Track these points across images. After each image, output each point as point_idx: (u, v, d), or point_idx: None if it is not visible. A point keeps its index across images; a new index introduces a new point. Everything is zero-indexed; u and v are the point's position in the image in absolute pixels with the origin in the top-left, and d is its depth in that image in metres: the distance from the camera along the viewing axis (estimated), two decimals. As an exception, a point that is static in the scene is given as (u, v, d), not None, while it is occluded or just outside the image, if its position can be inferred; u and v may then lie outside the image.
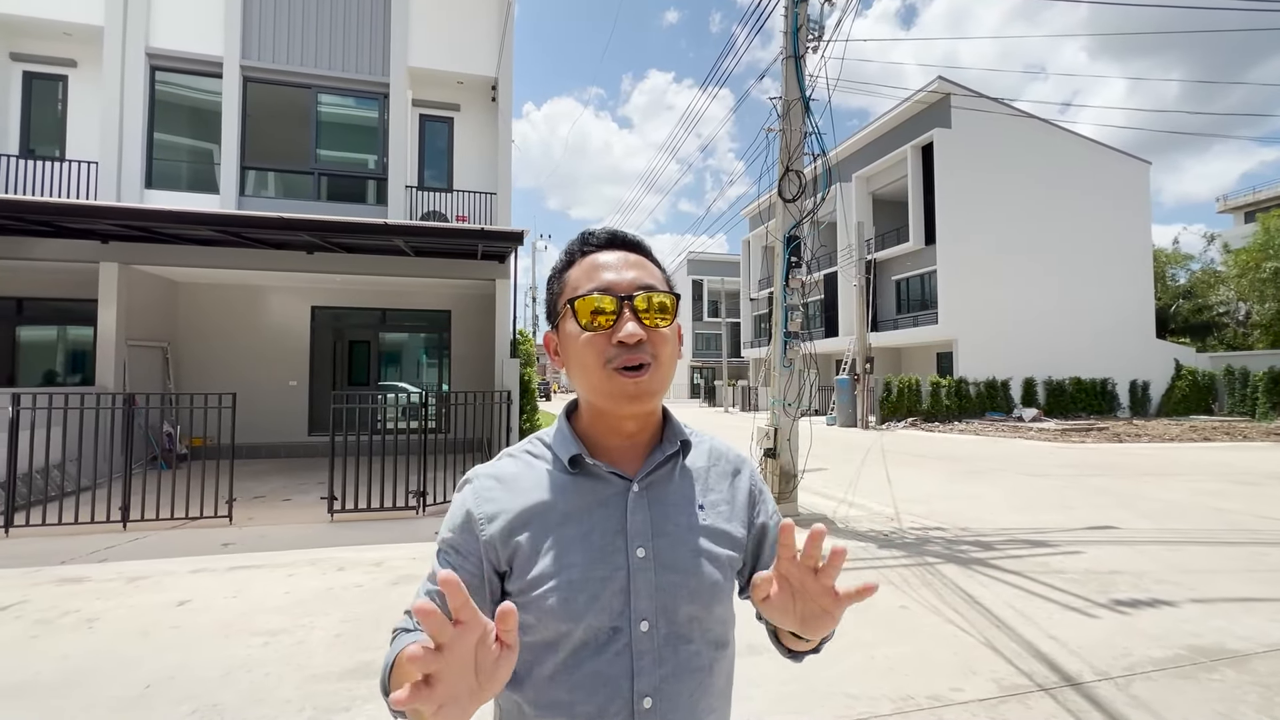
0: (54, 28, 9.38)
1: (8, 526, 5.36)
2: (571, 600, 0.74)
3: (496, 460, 0.86)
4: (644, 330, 0.77)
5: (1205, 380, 23.11)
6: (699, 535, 0.81)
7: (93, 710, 2.59)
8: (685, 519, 0.82)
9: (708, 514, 0.84)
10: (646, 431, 0.84)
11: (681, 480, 0.85)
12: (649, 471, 0.81)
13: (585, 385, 0.79)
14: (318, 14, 10.07)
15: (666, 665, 0.76)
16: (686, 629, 0.78)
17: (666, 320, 0.79)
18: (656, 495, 0.82)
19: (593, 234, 0.85)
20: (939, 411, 20.66)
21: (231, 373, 9.96)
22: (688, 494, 0.84)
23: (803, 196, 6.71)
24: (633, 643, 0.75)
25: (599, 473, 0.80)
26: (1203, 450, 12.72)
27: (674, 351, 0.81)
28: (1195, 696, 2.77)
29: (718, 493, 0.87)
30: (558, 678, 0.75)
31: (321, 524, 5.87)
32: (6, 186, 9.05)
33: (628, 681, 0.74)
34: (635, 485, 0.80)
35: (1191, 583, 4.31)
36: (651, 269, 0.83)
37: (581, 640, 0.75)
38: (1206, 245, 35.21)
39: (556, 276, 0.85)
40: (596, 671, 0.74)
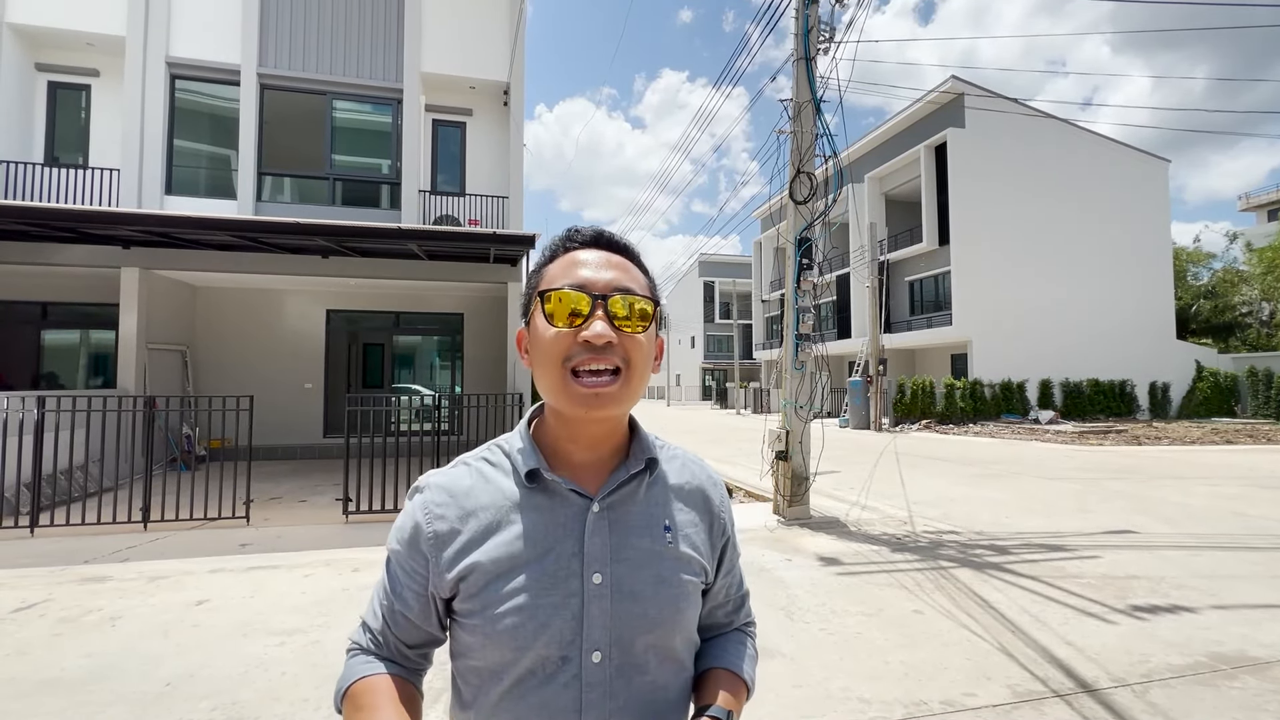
0: (77, 38, 9.60)
1: (33, 526, 5.49)
2: (520, 628, 0.70)
3: (451, 467, 0.80)
4: (614, 333, 0.71)
5: (1227, 382, 22.69)
6: (662, 561, 0.76)
7: (117, 706, 2.65)
8: (648, 543, 0.76)
9: (674, 537, 0.78)
10: (610, 444, 0.79)
11: (647, 500, 0.79)
12: (611, 490, 0.76)
13: (545, 385, 0.74)
14: (333, 22, 10.21)
15: (618, 698, 0.71)
16: (642, 659, 0.73)
17: (642, 327, 0.73)
18: (619, 516, 0.76)
19: (579, 230, 0.80)
20: (953, 414, 20.47)
21: (248, 375, 10.12)
22: (653, 515, 0.78)
23: (814, 198, 6.69)
24: (583, 674, 0.71)
25: (558, 489, 0.75)
26: (1224, 453, 12.49)
27: (647, 360, 0.75)
28: (1215, 704, 2.72)
29: (686, 514, 0.81)
30: (503, 706, 0.71)
31: (337, 525, 5.94)
32: (32, 194, 9.27)
33: (576, 715, 0.70)
34: (595, 505, 0.75)
35: (1212, 588, 4.24)
36: (634, 273, 0.77)
37: (528, 669, 0.70)
38: (1229, 244, 34.59)
39: (535, 271, 0.80)
40: (543, 703, 0.70)
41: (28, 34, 9.50)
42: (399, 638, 0.78)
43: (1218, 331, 32.14)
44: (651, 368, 0.77)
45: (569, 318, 0.71)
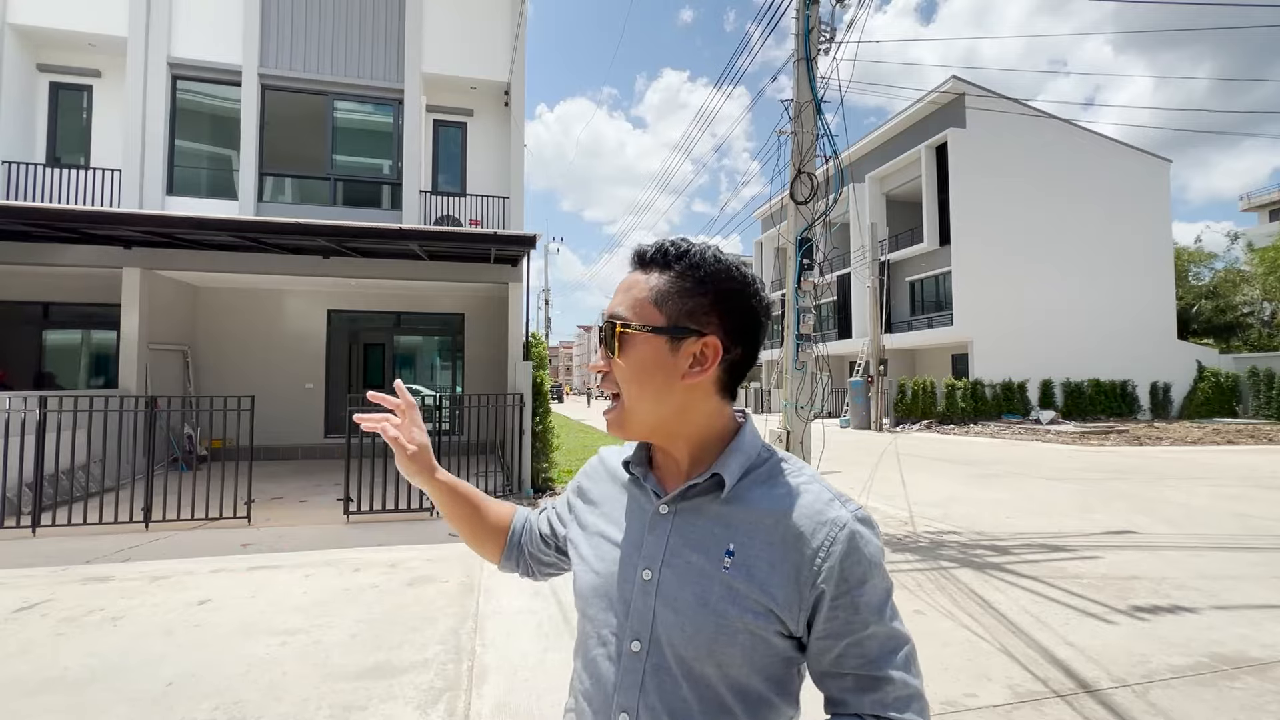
0: (79, 39, 9.61)
1: (35, 526, 5.50)
2: (586, 592, 0.80)
3: (612, 446, 0.93)
4: (606, 361, 0.77)
5: (1229, 382, 22.67)
6: (711, 583, 0.71)
7: (119, 706, 2.66)
8: (701, 560, 0.73)
9: (734, 565, 0.71)
10: (684, 452, 0.78)
11: (717, 517, 0.74)
12: (677, 496, 0.76)
13: None
14: (334, 22, 10.23)
15: (649, 695, 0.71)
16: (675, 670, 0.71)
17: (621, 350, 0.74)
18: (683, 523, 0.75)
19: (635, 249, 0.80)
20: (954, 414, 20.46)
21: (249, 376, 10.13)
22: (718, 535, 0.73)
23: (815, 198, 6.69)
24: (621, 656, 0.74)
25: (641, 483, 0.81)
26: (1226, 453, 12.48)
27: (631, 380, 0.74)
28: (1216, 704, 2.73)
29: (762, 546, 0.71)
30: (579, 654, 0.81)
31: (338, 525, 5.95)
32: (34, 194, 9.28)
33: (612, 687, 0.74)
34: (662, 506, 0.77)
35: (1213, 589, 4.24)
36: (639, 289, 0.75)
37: (591, 630, 0.79)
38: (1230, 244, 34.56)
39: None
40: (594, 663, 0.77)
41: (30, 34, 9.51)
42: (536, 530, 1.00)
43: (1219, 332, 32.09)
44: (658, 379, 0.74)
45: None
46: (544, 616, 3.71)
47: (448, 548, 5.19)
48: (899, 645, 0.70)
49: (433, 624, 3.57)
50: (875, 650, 0.69)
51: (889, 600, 0.71)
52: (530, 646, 3.29)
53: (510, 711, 2.68)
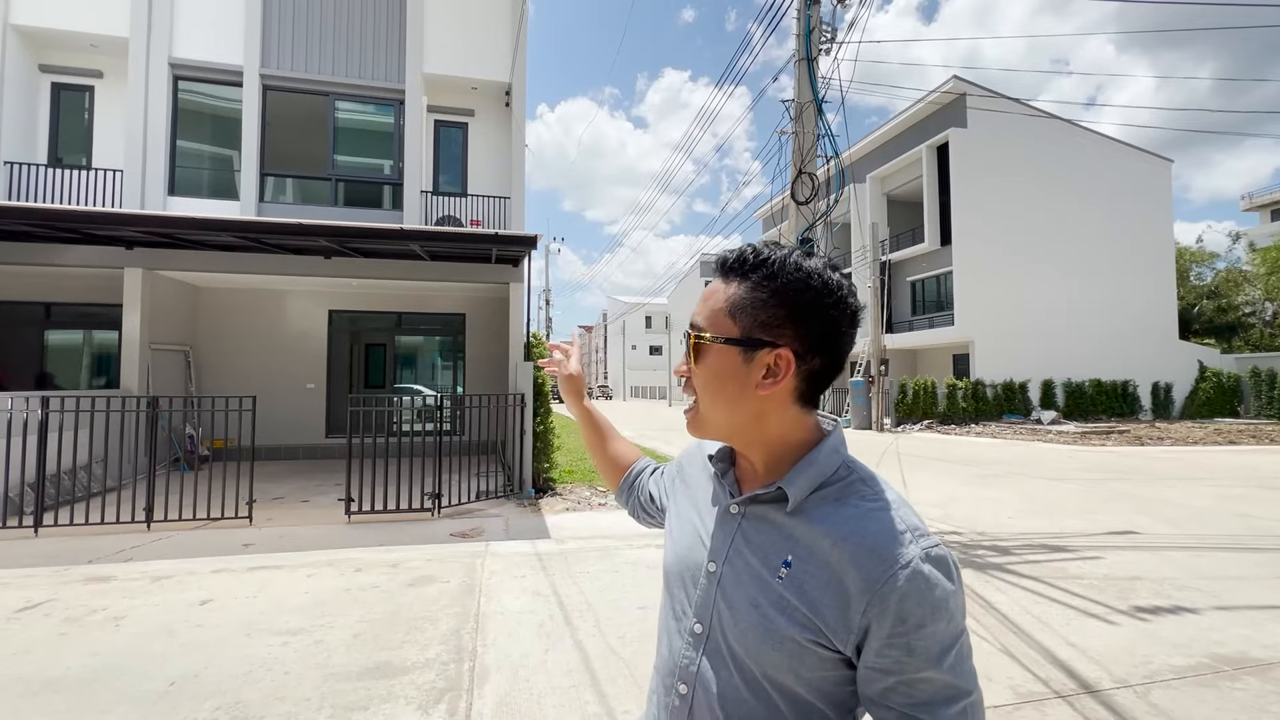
0: (81, 40, 9.63)
1: (37, 526, 5.51)
2: (669, 567, 0.87)
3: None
4: (685, 367, 0.81)
5: (1230, 382, 22.65)
6: (765, 589, 0.72)
7: (122, 706, 2.66)
8: (759, 565, 0.74)
9: (789, 579, 0.71)
10: (760, 458, 0.79)
11: (782, 528, 0.74)
12: (747, 500, 0.78)
13: None
14: (335, 22, 10.24)
15: (705, 676, 0.75)
16: (730, 659, 0.74)
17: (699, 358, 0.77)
18: (749, 526, 0.77)
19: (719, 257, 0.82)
20: (955, 414, 20.45)
21: (251, 376, 10.14)
22: (778, 545, 0.73)
23: (816, 199, 6.69)
24: (685, 634, 0.79)
25: (721, 480, 0.85)
26: (1227, 454, 12.46)
27: (710, 386, 0.76)
28: (1217, 705, 2.72)
29: (819, 565, 0.70)
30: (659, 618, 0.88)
31: (339, 525, 5.96)
32: (36, 195, 9.30)
33: (676, 660, 0.80)
34: (732, 506, 0.79)
35: (1215, 589, 4.24)
36: (715, 299, 0.77)
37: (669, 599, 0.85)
38: (1232, 244, 34.50)
39: None
40: (667, 630, 0.84)
41: (31, 35, 9.53)
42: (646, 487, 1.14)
43: (1221, 332, 32.05)
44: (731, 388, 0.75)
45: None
46: (545, 616, 3.71)
47: (449, 548, 5.19)
48: (956, 697, 0.65)
49: (434, 624, 3.57)
50: (925, 696, 0.65)
51: (954, 648, 0.65)
52: (531, 647, 3.30)
53: (512, 711, 2.68)
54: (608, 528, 5.98)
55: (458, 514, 6.47)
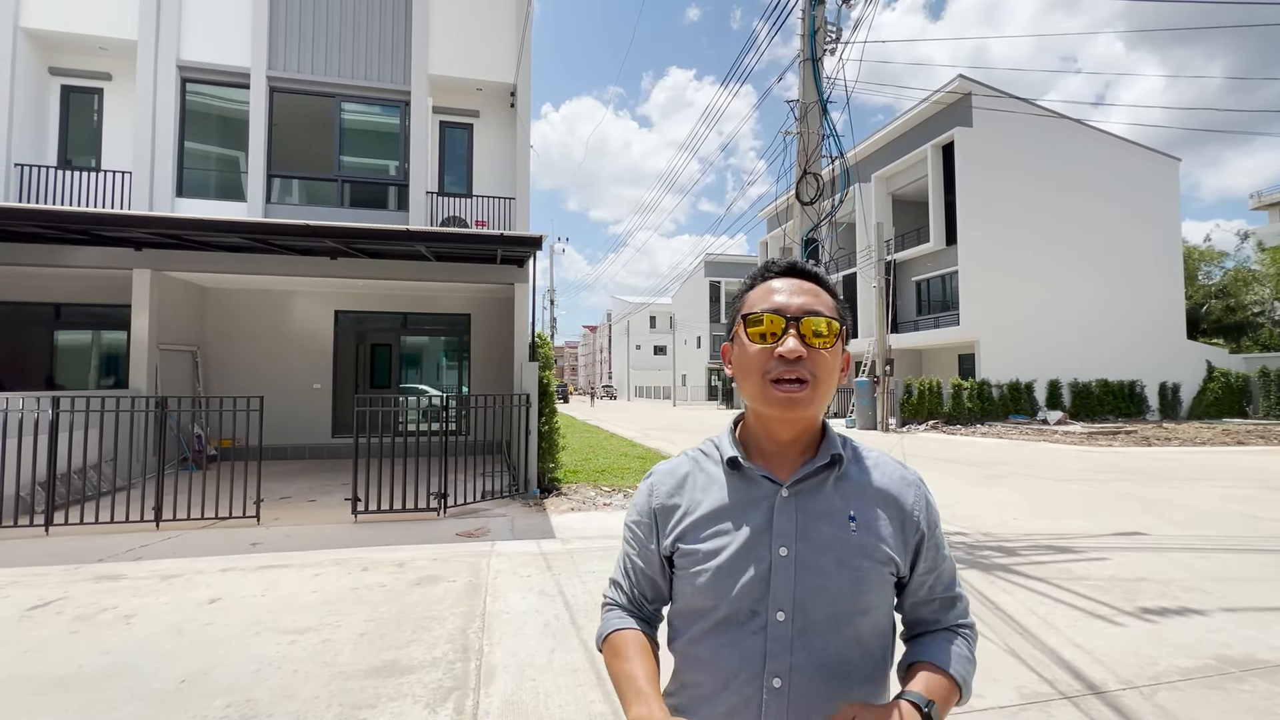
0: (90, 43, 9.70)
1: (48, 525, 5.56)
2: (719, 582, 0.87)
3: (673, 459, 1.01)
4: (804, 348, 0.85)
5: (1239, 382, 22.49)
6: (845, 545, 0.86)
7: (133, 703, 2.69)
8: (830, 529, 0.87)
9: (859, 527, 0.87)
10: (801, 442, 0.92)
11: (834, 491, 0.90)
12: (799, 479, 0.89)
13: (748, 392, 0.90)
14: (341, 24, 10.29)
15: (799, 655, 0.84)
16: (824, 626, 0.84)
17: (828, 343, 0.87)
18: (805, 503, 0.89)
19: (774, 262, 0.94)
20: (960, 414, 20.37)
21: (258, 376, 10.20)
22: (839, 506, 0.89)
23: (821, 199, 6.69)
24: (768, 627, 0.84)
25: (753, 474, 0.91)
26: (1235, 454, 12.38)
27: (833, 371, 0.88)
28: (1223, 707, 2.72)
29: (874, 508, 0.90)
30: (705, 639, 0.88)
31: (345, 525, 5.99)
32: (45, 196, 9.38)
33: (760, 659, 0.84)
34: (784, 490, 0.88)
35: (1221, 591, 4.22)
36: (824, 298, 0.90)
37: (725, 615, 0.87)
38: (1240, 242, 34.22)
39: (738, 297, 0.96)
40: (735, 643, 0.86)
41: (41, 38, 9.61)
42: (641, 592, 1.00)
43: (1229, 331, 31.80)
44: (838, 378, 0.90)
45: (768, 337, 0.87)
46: (550, 616, 3.73)
47: (455, 547, 5.22)
48: (955, 569, 0.96)
49: (441, 623, 3.60)
50: (949, 576, 0.94)
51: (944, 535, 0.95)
52: (538, 646, 3.32)
53: (519, 710, 2.70)
54: (613, 527, 5.99)
55: (463, 514, 6.49)
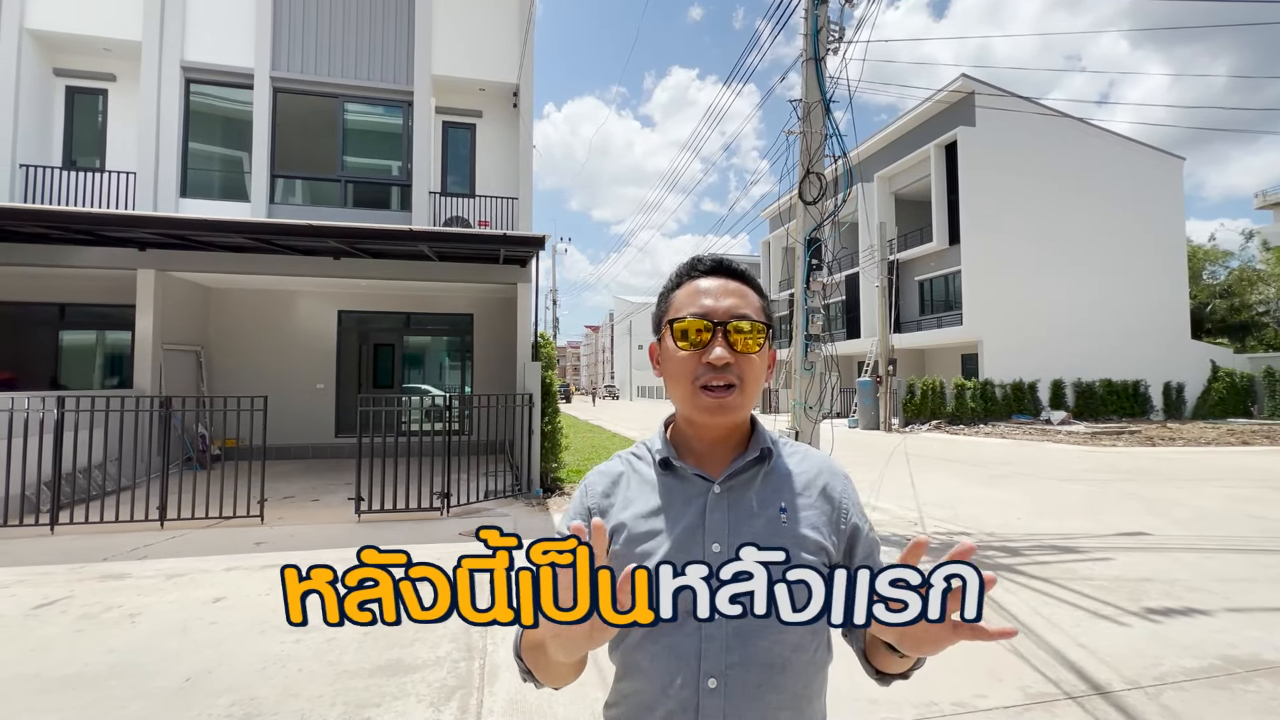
0: (95, 44, 9.74)
1: (53, 524, 5.58)
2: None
3: (608, 461, 1.00)
4: (732, 355, 0.85)
5: (1244, 382, 22.40)
6: (777, 537, 0.86)
7: (139, 701, 2.70)
8: (763, 521, 0.87)
9: (790, 518, 0.88)
10: (732, 440, 0.93)
11: (764, 485, 0.90)
12: (730, 475, 0.89)
13: (677, 396, 0.90)
14: (344, 25, 10.30)
15: (734, 654, 0.83)
16: (758, 623, 0.80)
17: (755, 347, 0.87)
18: (737, 498, 0.89)
19: (701, 260, 0.94)
20: (964, 414, 20.33)
21: (261, 376, 10.22)
22: (769, 498, 0.89)
23: (823, 198, 6.68)
24: (703, 627, 0.82)
25: (685, 474, 0.90)
26: (1240, 455, 12.34)
27: (759, 375, 0.89)
28: (1229, 708, 2.71)
29: (804, 499, 0.91)
30: (643, 645, 0.86)
31: (349, 524, 6.00)
32: (50, 197, 9.41)
33: (696, 660, 0.83)
34: (716, 487, 0.88)
35: (1226, 591, 4.21)
36: (750, 298, 0.90)
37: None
38: (1245, 242, 34.08)
39: (664, 296, 0.95)
40: (672, 645, 0.84)
41: (46, 40, 9.65)
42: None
43: (1234, 331, 31.67)
44: (764, 379, 0.91)
45: (694, 341, 0.87)
46: (554, 615, 3.73)
47: (457, 546, 5.23)
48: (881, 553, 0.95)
49: (444, 622, 3.60)
50: (880, 559, 0.93)
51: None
52: (541, 645, 3.32)
53: (523, 709, 2.70)
54: (615, 527, 5.99)
55: (466, 513, 6.50)
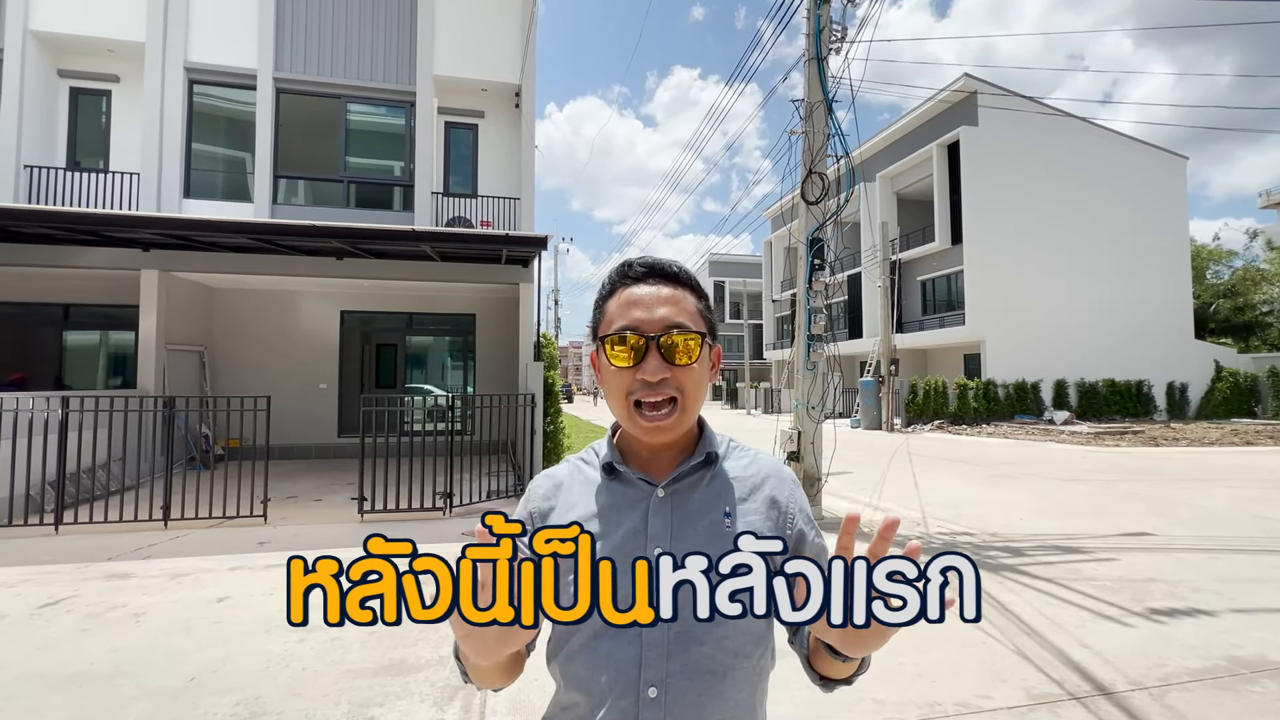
0: (98, 45, 9.77)
1: (58, 524, 5.60)
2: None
3: (557, 466, 0.98)
4: (668, 369, 0.82)
5: (1248, 382, 22.33)
6: (719, 541, 0.82)
7: (143, 700, 2.71)
8: (706, 526, 0.85)
9: (735, 523, 0.86)
10: (678, 444, 0.90)
11: (709, 489, 0.88)
12: (674, 479, 0.87)
13: (614, 411, 0.88)
14: (347, 26, 10.32)
15: (675, 661, 0.80)
16: (699, 631, 0.80)
17: (693, 355, 0.84)
18: (681, 502, 0.86)
19: (633, 265, 0.90)
20: (966, 414, 20.30)
21: (264, 376, 10.24)
22: (713, 502, 0.87)
23: (826, 198, 6.68)
24: (643, 634, 0.80)
25: (629, 478, 0.88)
26: (1244, 455, 12.30)
27: (701, 384, 0.86)
28: (1234, 709, 2.70)
29: (749, 504, 0.89)
30: (580, 655, 0.83)
31: (352, 524, 6.01)
32: (54, 198, 9.45)
33: (636, 669, 0.80)
34: (660, 490, 0.86)
35: (1231, 592, 4.20)
36: (686, 304, 0.86)
37: (600, 625, 0.77)
38: (1249, 241, 33.95)
39: (599, 303, 0.92)
40: (610, 654, 0.81)
41: (50, 41, 9.68)
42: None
43: (1238, 331, 31.56)
44: (708, 383, 0.88)
45: (628, 357, 0.83)
46: (557, 615, 3.73)
47: (458, 546, 5.22)
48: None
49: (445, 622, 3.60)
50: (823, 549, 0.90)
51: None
52: (544, 645, 3.32)
53: (526, 708, 2.71)
54: (618, 527, 5.99)
55: (469, 513, 6.51)
